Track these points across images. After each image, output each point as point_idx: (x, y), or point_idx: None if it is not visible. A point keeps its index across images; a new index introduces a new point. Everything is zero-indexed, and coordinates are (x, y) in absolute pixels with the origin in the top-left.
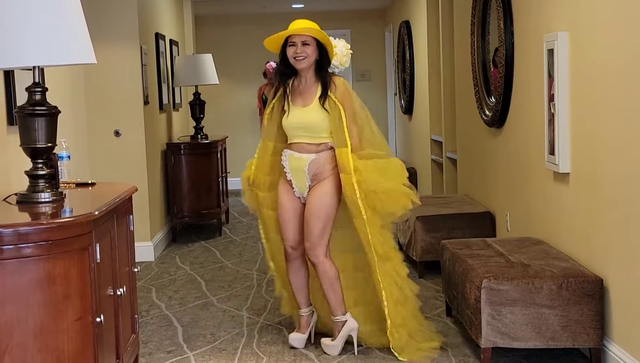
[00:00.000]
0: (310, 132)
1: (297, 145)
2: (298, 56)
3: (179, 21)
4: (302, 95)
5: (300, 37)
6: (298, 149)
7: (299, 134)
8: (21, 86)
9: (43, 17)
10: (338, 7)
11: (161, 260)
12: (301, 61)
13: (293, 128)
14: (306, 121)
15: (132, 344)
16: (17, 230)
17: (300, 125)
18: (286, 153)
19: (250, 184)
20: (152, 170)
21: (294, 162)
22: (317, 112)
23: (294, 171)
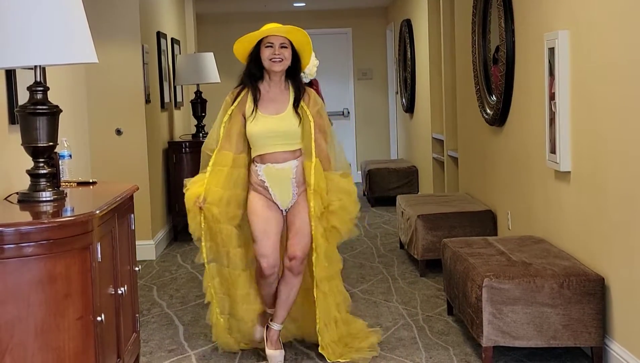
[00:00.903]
0: (287, 140)
1: (271, 155)
2: (275, 58)
3: (181, 20)
4: (274, 101)
5: (278, 38)
6: (275, 160)
7: (272, 143)
8: (22, 85)
9: (45, 17)
10: (339, 6)
11: (162, 258)
12: (278, 63)
13: (265, 137)
14: (282, 130)
15: (133, 343)
16: (19, 229)
17: (275, 133)
18: (260, 167)
19: (200, 202)
20: (154, 169)
21: (275, 173)
22: (292, 120)
23: (277, 183)
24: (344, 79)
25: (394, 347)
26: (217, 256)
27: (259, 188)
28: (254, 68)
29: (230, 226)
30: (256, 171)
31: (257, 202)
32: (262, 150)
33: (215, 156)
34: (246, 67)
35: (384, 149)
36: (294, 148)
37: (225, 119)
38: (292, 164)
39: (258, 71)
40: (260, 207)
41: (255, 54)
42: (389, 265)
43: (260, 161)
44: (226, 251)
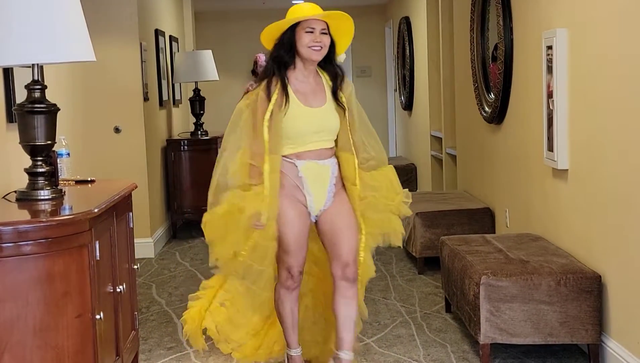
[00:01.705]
0: (330, 135)
1: (313, 153)
2: (315, 45)
3: (179, 17)
4: (312, 92)
5: (320, 23)
6: (318, 156)
7: (316, 139)
8: (20, 84)
9: (42, 15)
10: (338, 3)
11: (161, 256)
12: (318, 51)
13: (311, 133)
14: (327, 123)
15: (132, 341)
16: (17, 227)
17: (320, 128)
18: (299, 163)
19: (261, 221)
20: (152, 166)
21: (317, 171)
22: (334, 112)
23: (315, 184)
24: None
25: (392, 344)
26: (245, 271)
27: (293, 190)
28: (286, 55)
29: (272, 242)
30: (291, 170)
31: (291, 210)
32: (302, 147)
33: (270, 161)
34: (274, 54)
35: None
36: (333, 143)
37: (267, 116)
38: (331, 162)
39: (290, 58)
40: (294, 216)
41: (288, 39)
42: (387, 262)
43: (297, 157)
44: (261, 270)
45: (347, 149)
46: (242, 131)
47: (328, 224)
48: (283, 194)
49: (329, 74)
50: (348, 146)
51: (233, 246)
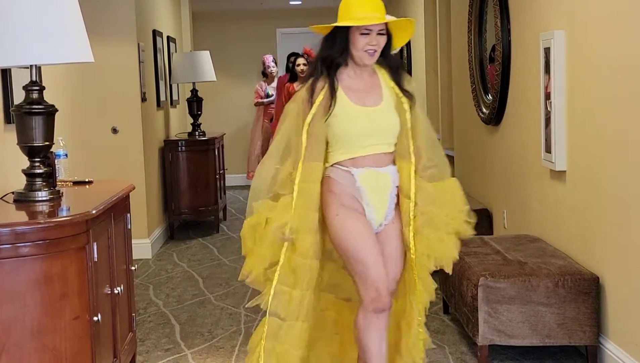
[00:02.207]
0: (388, 138)
1: (371, 158)
2: (370, 49)
3: (177, 18)
4: (366, 90)
5: (377, 25)
6: (376, 163)
7: (374, 142)
8: (18, 85)
9: (41, 16)
10: (336, 4)
11: (159, 257)
12: (372, 55)
13: (367, 135)
14: (385, 125)
15: (129, 342)
16: (14, 229)
17: (377, 129)
18: (356, 172)
19: (289, 234)
20: (150, 167)
21: (376, 180)
22: (394, 111)
23: (375, 194)
24: None
25: None
26: (285, 304)
27: (350, 201)
28: (336, 53)
29: (316, 262)
30: (348, 179)
31: (355, 220)
32: (358, 152)
33: (303, 169)
34: (324, 54)
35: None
36: (393, 148)
37: (308, 120)
38: (392, 169)
39: (341, 56)
40: (361, 226)
41: (341, 39)
42: None
43: (353, 164)
44: (302, 296)
45: (404, 156)
46: (285, 135)
47: (385, 245)
48: (340, 204)
49: (387, 69)
50: (405, 153)
51: (261, 261)
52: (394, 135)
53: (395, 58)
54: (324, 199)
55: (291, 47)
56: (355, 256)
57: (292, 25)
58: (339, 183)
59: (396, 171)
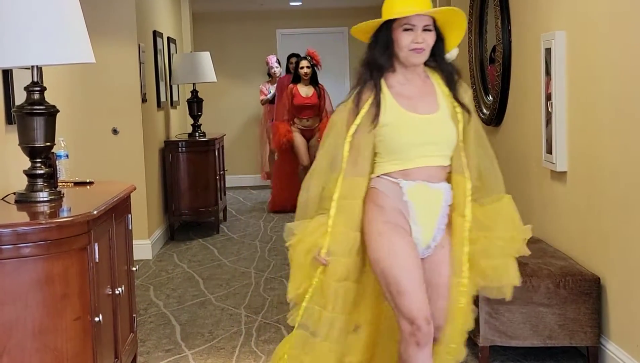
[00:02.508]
0: (443, 150)
1: (423, 171)
2: (417, 47)
3: (177, 19)
4: (420, 96)
5: (422, 19)
6: (429, 177)
7: (427, 153)
8: (20, 85)
9: (42, 17)
10: (335, 5)
11: (159, 257)
12: (419, 54)
13: (420, 145)
14: (441, 134)
15: (130, 343)
16: (16, 229)
17: (430, 139)
18: (405, 184)
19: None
20: (150, 168)
21: (427, 196)
22: (450, 121)
23: (425, 211)
24: (341, 78)
25: None
26: (314, 322)
27: (395, 216)
28: (381, 57)
29: (353, 284)
30: (395, 192)
31: (398, 238)
32: (409, 163)
33: (343, 185)
34: (367, 58)
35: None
36: (448, 161)
37: (351, 131)
38: (445, 186)
39: (387, 61)
40: (404, 245)
41: (383, 39)
42: None
43: (403, 176)
44: (333, 318)
45: (459, 170)
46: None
47: (425, 273)
48: (385, 219)
49: (441, 74)
50: (460, 167)
51: (297, 284)
52: (450, 146)
53: (453, 66)
54: (366, 213)
55: (291, 48)
56: (393, 280)
57: (292, 26)
58: (384, 195)
59: (450, 189)
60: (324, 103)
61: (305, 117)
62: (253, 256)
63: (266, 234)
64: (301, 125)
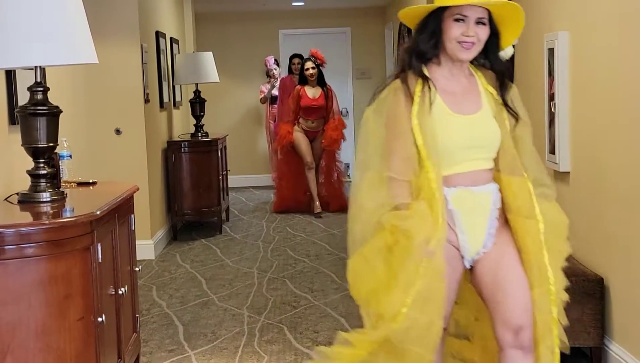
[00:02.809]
0: (488, 152)
1: (467, 175)
2: (467, 40)
3: (180, 19)
4: (463, 94)
5: (475, 10)
6: (473, 181)
7: (471, 156)
8: (23, 86)
9: (45, 17)
10: (338, 5)
11: (162, 258)
12: (468, 50)
13: (465, 148)
14: (485, 136)
15: (133, 343)
16: (19, 230)
17: (475, 142)
18: (448, 191)
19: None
20: (153, 168)
21: (473, 201)
22: (494, 121)
23: (471, 217)
24: (343, 78)
25: None
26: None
27: (448, 225)
28: (425, 45)
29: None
30: (443, 202)
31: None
32: (450, 168)
33: (436, 171)
34: (414, 43)
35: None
36: (492, 164)
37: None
38: (492, 187)
39: (431, 50)
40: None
41: (432, 26)
42: None
43: (445, 183)
44: (429, 323)
45: (516, 171)
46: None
47: (490, 275)
48: None
49: (490, 73)
50: (517, 168)
51: (405, 291)
52: (493, 148)
53: (501, 61)
54: None
55: (294, 48)
56: None
57: (295, 27)
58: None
59: (497, 190)
60: (331, 104)
61: (311, 119)
62: (256, 256)
63: (269, 234)
64: (306, 126)
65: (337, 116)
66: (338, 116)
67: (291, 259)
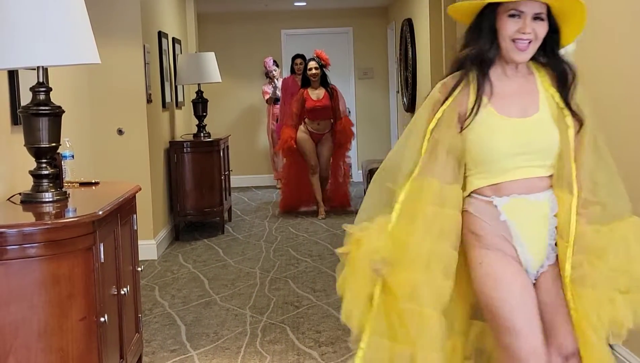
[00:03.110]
0: (544, 159)
1: (520, 183)
2: (524, 37)
3: (182, 19)
4: (518, 95)
5: (532, 5)
6: (527, 189)
7: (524, 163)
8: (25, 86)
9: (47, 18)
10: (340, 5)
11: (164, 258)
12: (524, 51)
13: (514, 154)
14: (540, 141)
15: (135, 343)
16: (22, 230)
17: (528, 148)
18: (500, 201)
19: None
20: (155, 168)
21: (528, 211)
22: (553, 125)
23: (528, 228)
24: (345, 78)
25: None
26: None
27: (497, 241)
28: (489, 49)
29: (432, 312)
30: (490, 212)
31: (505, 265)
32: (501, 176)
33: (411, 185)
34: (470, 43)
35: (385, 148)
36: (550, 171)
37: (431, 126)
38: (549, 195)
39: (494, 52)
40: (512, 273)
41: (487, 24)
42: None
43: (496, 192)
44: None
45: (563, 184)
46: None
47: (552, 294)
48: (484, 247)
49: (551, 70)
50: (565, 180)
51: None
52: (551, 155)
53: (562, 61)
54: (465, 242)
55: (296, 48)
56: (501, 317)
57: (297, 27)
58: (480, 221)
59: (554, 197)
60: (336, 104)
61: (316, 121)
62: (258, 256)
63: (271, 234)
64: (311, 128)
65: (344, 115)
66: (344, 116)
67: (293, 259)
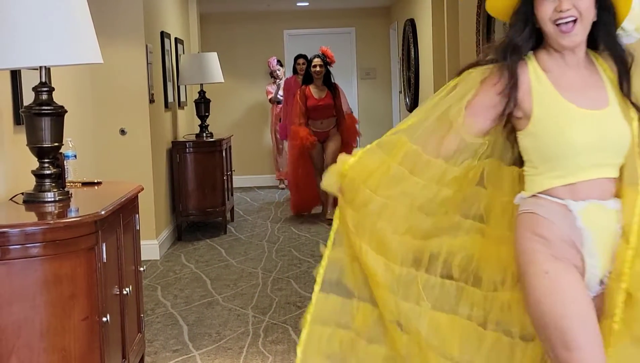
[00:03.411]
0: (615, 157)
1: (595, 185)
2: (562, 15)
3: (184, 19)
4: (583, 86)
5: None
6: (601, 193)
7: (598, 161)
8: (28, 86)
9: (50, 18)
10: (343, 5)
11: (166, 258)
12: (571, 31)
13: (588, 150)
14: (615, 136)
15: (138, 343)
16: (24, 229)
17: (604, 143)
18: (576, 206)
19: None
20: (158, 168)
21: (601, 220)
22: (624, 119)
23: (601, 239)
24: (348, 78)
25: None
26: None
27: (564, 249)
28: (518, 35)
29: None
30: (563, 217)
31: (574, 280)
32: (576, 175)
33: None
34: (510, 31)
35: None
36: (618, 172)
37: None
38: (618, 203)
39: (524, 41)
40: (581, 289)
41: (522, 10)
42: None
43: (572, 195)
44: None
45: (630, 180)
46: None
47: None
48: (552, 255)
49: (609, 57)
50: (632, 176)
51: None
52: (623, 151)
53: (618, 44)
54: (524, 246)
55: (298, 48)
56: (561, 332)
57: (299, 27)
58: (549, 223)
59: (620, 204)
60: (339, 103)
61: (319, 120)
62: (260, 256)
63: (273, 234)
64: (314, 128)
65: (348, 112)
66: (347, 114)
67: (296, 259)
